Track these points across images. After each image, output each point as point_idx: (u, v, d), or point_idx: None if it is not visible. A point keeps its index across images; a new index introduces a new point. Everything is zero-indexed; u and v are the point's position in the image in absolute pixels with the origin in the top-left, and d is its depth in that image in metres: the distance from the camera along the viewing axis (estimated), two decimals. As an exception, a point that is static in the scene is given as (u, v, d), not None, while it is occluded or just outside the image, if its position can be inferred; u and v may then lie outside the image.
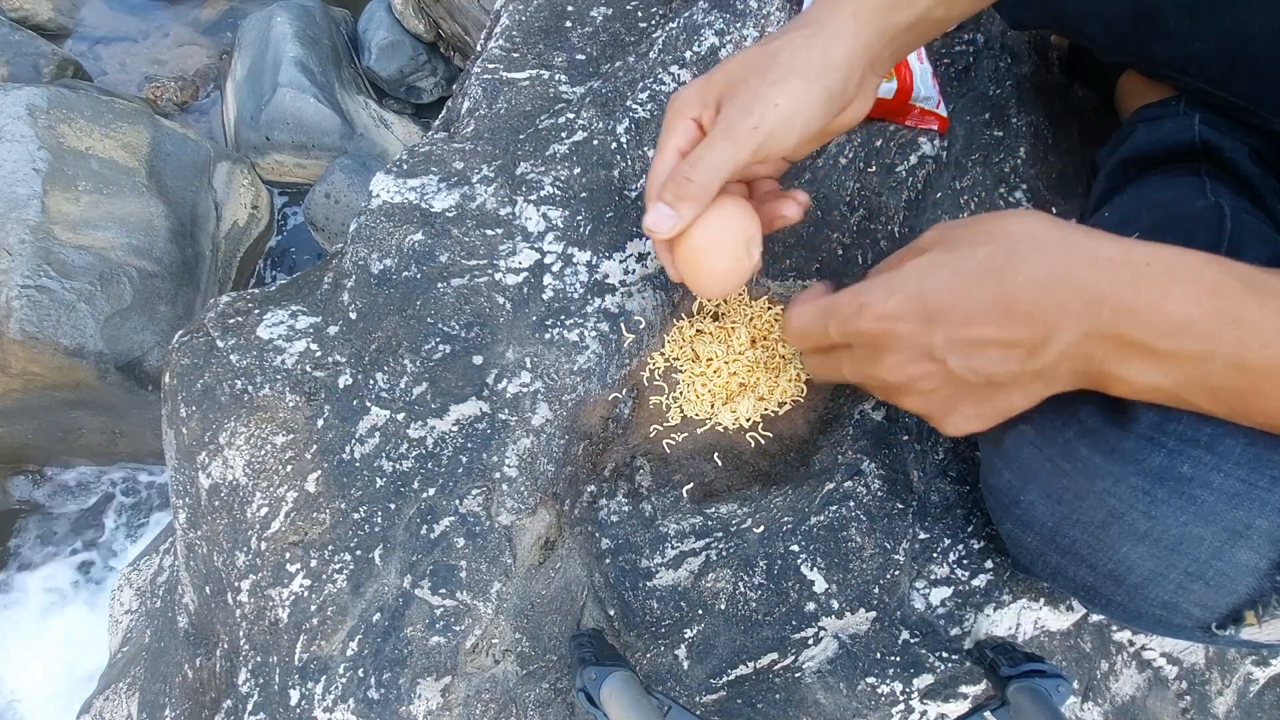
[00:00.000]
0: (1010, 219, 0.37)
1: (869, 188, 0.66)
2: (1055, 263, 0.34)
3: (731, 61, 0.45)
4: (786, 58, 0.43)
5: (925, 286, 0.37)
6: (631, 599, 0.54)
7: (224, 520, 0.57)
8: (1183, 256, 0.34)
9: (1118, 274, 0.34)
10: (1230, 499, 0.38)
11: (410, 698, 0.51)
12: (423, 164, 0.65)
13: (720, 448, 0.60)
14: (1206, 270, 0.33)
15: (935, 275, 0.37)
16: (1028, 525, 0.46)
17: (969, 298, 0.36)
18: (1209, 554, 0.39)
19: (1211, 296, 0.33)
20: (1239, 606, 0.39)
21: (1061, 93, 0.77)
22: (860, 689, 0.52)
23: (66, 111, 1.74)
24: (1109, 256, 0.34)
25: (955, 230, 0.39)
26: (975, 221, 0.38)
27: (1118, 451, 0.40)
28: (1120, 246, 0.35)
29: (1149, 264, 0.34)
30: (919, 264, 0.38)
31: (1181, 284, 0.33)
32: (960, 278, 0.36)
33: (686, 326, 0.62)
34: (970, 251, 0.36)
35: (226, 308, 0.63)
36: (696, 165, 0.44)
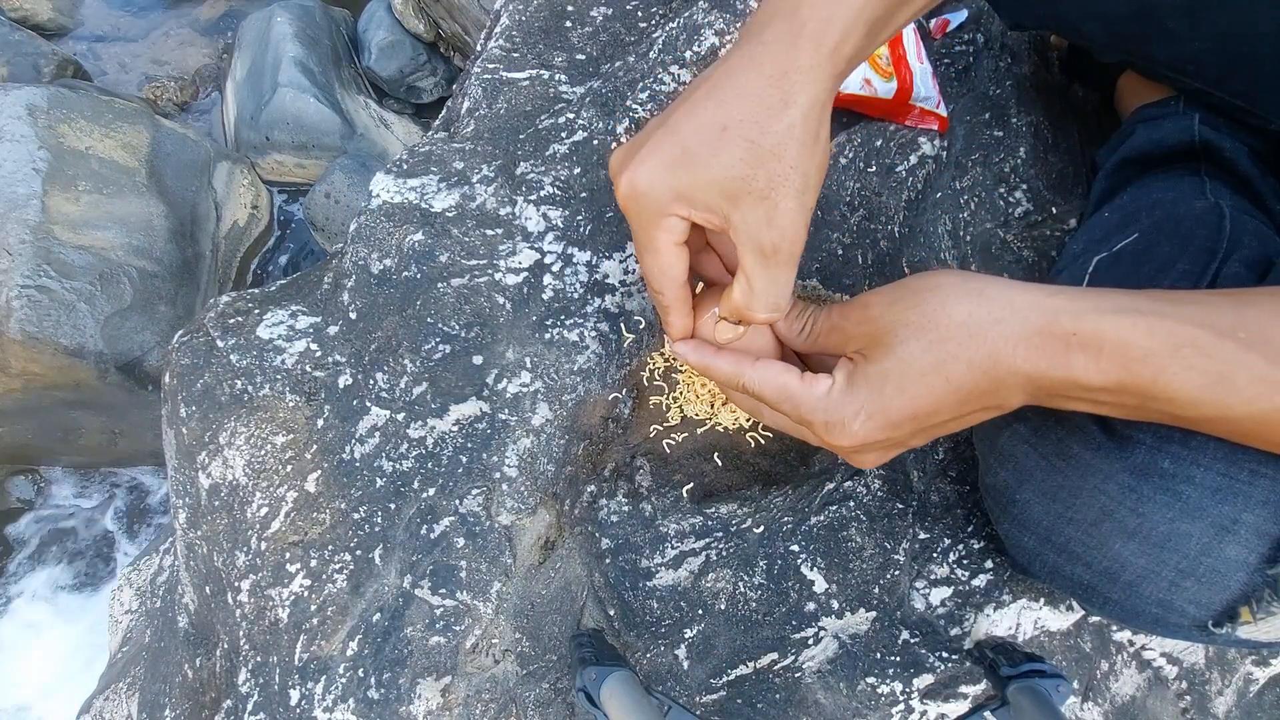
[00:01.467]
0: (933, 301, 0.37)
1: (869, 188, 0.66)
2: (990, 348, 0.35)
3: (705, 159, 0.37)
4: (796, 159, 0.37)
5: (885, 402, 0.38)
6: (631, 599, 0.54)
7: (224, 520, 0.57)
8: (1111, 322, 0.34)
9: (1047, 350, 0.35)
10: (1213, 494, 0.38)
11: (410, 698, 0.51)
12: (423, 164, 0.65)
13: (720, 448, 0.60)
14: (1133, 335, 0.34)
15: (888, 387, 0.38)
16: (1024, 524, 0.46)
17: (924, 399, 0.37)
18: (1198, 550, 0.39)
19: (1140, 364, 0.34)
20: (1233, 603, 0.39)
21: (1061, 93, 0.77)
22: (860, 689, 0.52)
23: (66, 111, 1.74)
24: (1037, 330, 0.35)
25: (883, 319, 0.38)
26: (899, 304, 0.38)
27: (1103, 448, 0.41)
28: (1044, 316, 0.35)
29: (1075, 334, 0.34)
30: (870, 377, 0.38)
31: (1110, 354, 0.34)
32: (910, 385, 0.37)
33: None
34: (907, 351, 0.37)
35: (226, 308, 0.63)
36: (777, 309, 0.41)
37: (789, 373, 0.41)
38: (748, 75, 0.37)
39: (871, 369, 0.38)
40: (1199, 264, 0.47)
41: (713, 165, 0.37)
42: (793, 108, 0.36)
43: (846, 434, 0.39)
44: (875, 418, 0.38)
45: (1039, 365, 0.35)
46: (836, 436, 0.39)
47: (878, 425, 0.38)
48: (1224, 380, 0.33)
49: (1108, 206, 0.59)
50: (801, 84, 0.36)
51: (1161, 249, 0.50)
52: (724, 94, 0.37)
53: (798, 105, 0.36)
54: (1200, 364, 0.33)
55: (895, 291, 0.39)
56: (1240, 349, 0.33)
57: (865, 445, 0.39)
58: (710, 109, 0.37)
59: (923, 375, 0.37)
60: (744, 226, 0.38)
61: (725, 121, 0.37)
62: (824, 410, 0.39)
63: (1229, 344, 0.33)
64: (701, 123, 0.37)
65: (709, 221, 0.39)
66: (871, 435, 0.39)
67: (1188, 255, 0.48)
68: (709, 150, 0.37)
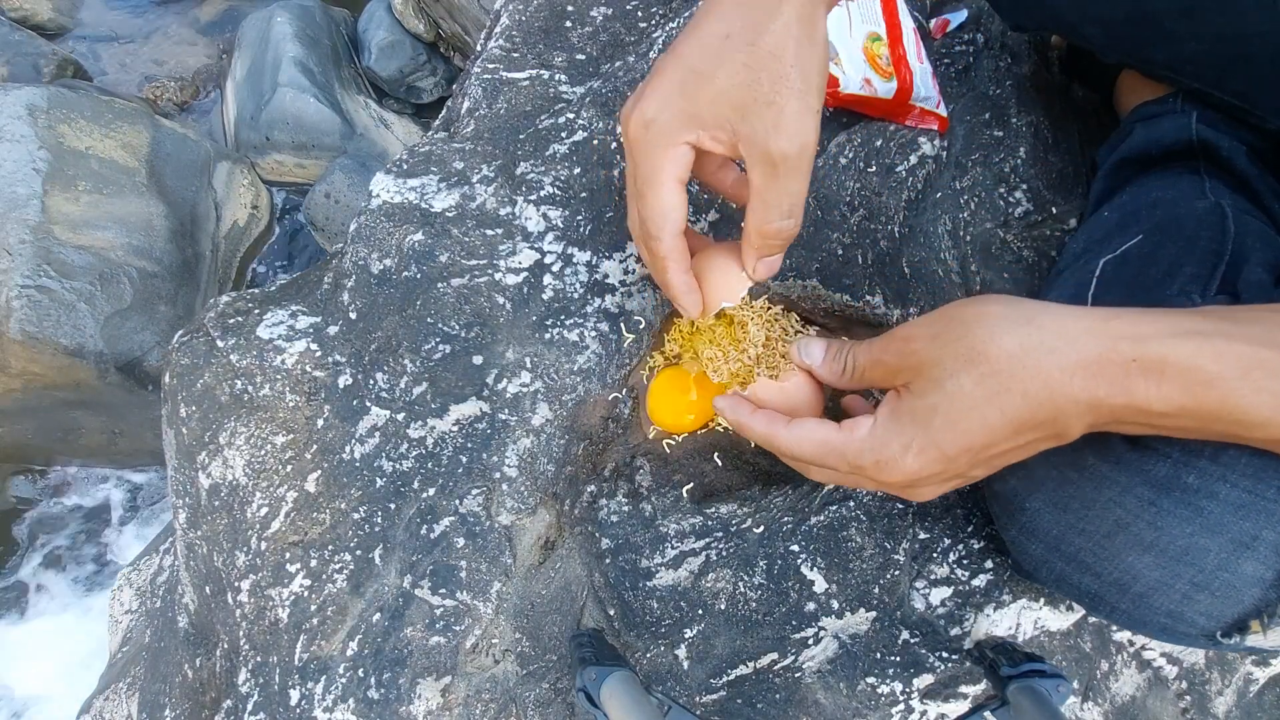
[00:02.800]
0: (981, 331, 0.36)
1: (869, 188, 0.66)
2: (1046, 379, 0.34)
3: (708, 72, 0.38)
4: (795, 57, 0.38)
5: (935, 436, 0.37)
6: (631, 599, 0.54)
7: (224, 520, 0.57)
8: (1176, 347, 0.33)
9: (1106, 378, 0.34)
10: (1236, 510, 0.38)
11: (410, 698, 0.51)
12: (423, 164, 0.65)
13: (720, 448, 0.60)
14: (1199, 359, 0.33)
15: (937, 420, 0.36)
16: (1032, 532, 0.45)
17: (977, 433, 0.36)
18: (1215, 565, 0.39)
19: (1205, 389, 0.33)
20: (1244, 616, 0.39)
21: (1061, 93, 0.77)
22: (860, 689, 0.52)
23: (66, 111, 1.74)
24: (1095, 359, 0.34)
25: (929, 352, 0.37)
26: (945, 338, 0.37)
27: (1124, 461, 0.40)
28: (1102, 343, 0.34)
29: (1135, 360, 0.33)
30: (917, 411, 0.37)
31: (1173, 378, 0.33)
32: (962, 418, 0.36)
33: (686, 325, 0.62)
34: (956, 385, 0.36)
35: (226, 308, 0.63)
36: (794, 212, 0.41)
37: (824, 426, 0.40)
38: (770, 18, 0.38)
39: (918, 403, 0.37)
40: (1206, 266, 0.47)
41: (718, 76, 0.38)
42: (786, 6, 0.37)
43: (899, 469, 0.38)
44: (927, 451, 0.37)
45: (1097, 393, 0.34)
46: (889, 474, 0.38)
47: (931, 459, 0.37)
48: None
49: (1107, 206, 0.59)
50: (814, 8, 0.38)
51: (1167, 251, 0.50)
52: (722, 9, 0.39)
53: (791, 4, 0.37)
54: (1271, 385, 0.32)
55: (938, 322, 0.38)
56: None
57: (920, 479, 0.38)
58: (710, 24, 0.39)
59: (974, 409, 0.36)
60: (752, 136, 0.38)
61: (727, 30, 0.38)
62: (871, 450, 0.38)
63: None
64: (703, 38, 0.39)
65: (717, 142, 0.39)
66: (926, 468, 0.37)
67: (1194, 257, 0.48)
68: (714, 62, 0.38)
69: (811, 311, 0.64)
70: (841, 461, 0.40)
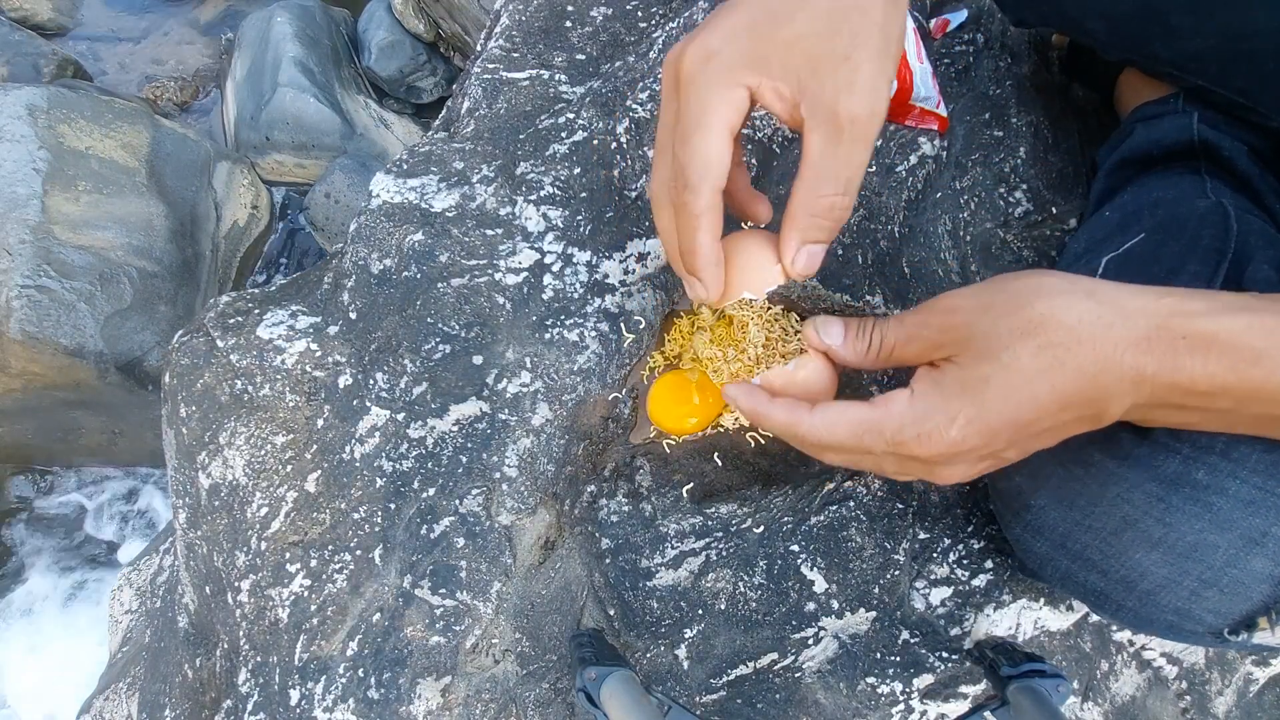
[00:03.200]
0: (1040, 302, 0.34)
1: (869, 188, 0.66)
2: (1100, 355, 0.33)
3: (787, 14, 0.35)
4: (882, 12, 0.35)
5: (985, 409, 0.35)
6: (631, 599, 0.54)
7: (224, 520, 0.57)
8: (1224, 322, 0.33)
9: (1156, 355, 0.33)
10: (1246, 506, 0.38)
11: (410, 698, 0.51)
12: (423, 164, 0.65)
13: (720, 448, 0.60)
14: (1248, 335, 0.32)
15: (989, 392, 0.35)
16: (1038, 530, 0.45)
17: (1028, 407, 0.34)
18: (1223, 561, 0.38)
19: (1251, 365, 0.32)
20: (1253, 613, 0.39)
21: (1061, 93, 0.77)
22: (860, 689, 0.52)
23: (66, 111, 1.74)
24: (1147, 336, 0.33)
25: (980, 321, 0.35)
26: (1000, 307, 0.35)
27: (1132, 457, 0.40)
28: (1156, 320, 0.33)
29: (1184, 338, 0.33)
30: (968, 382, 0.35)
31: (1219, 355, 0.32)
32: (1015, 392, 0.34)
33: (686, 325, 0.62)
34: (1013, 356, 0.34)
35: (226, 308, 0.63)
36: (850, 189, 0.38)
37: (854, 406, 0.38)
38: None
39: (967, 374, 0.35)
40: (1209, 265, 0.47)
41: (797, 19, 0.34)
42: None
43: (942, 441, 0.35)
44: (974, 423, 0.35)
45: (1145, 370, 0.33)
46: (929, 446, 0.36)
47: (976, 431, 0.35)
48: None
49: (1108, 206, 0.59)
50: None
51: (1169, 249, 0.50)
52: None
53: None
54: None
55: (987, 294, 0.36)
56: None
57: (957, 454, 0.36)
58: None
59: (1029, 382, 0.34)
60: (819, 94, 0.35)
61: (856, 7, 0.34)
62: (914, 423, 0.36)
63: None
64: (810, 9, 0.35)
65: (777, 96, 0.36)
66: (967, 442, 0.35)
67: (1196, 256, 0.48)
68: (793, 4, 0.35)
69: (811, 311, 0.64)
70: (879, 440, 0.37)
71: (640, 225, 0.61)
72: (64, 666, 1.72)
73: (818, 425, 0.38)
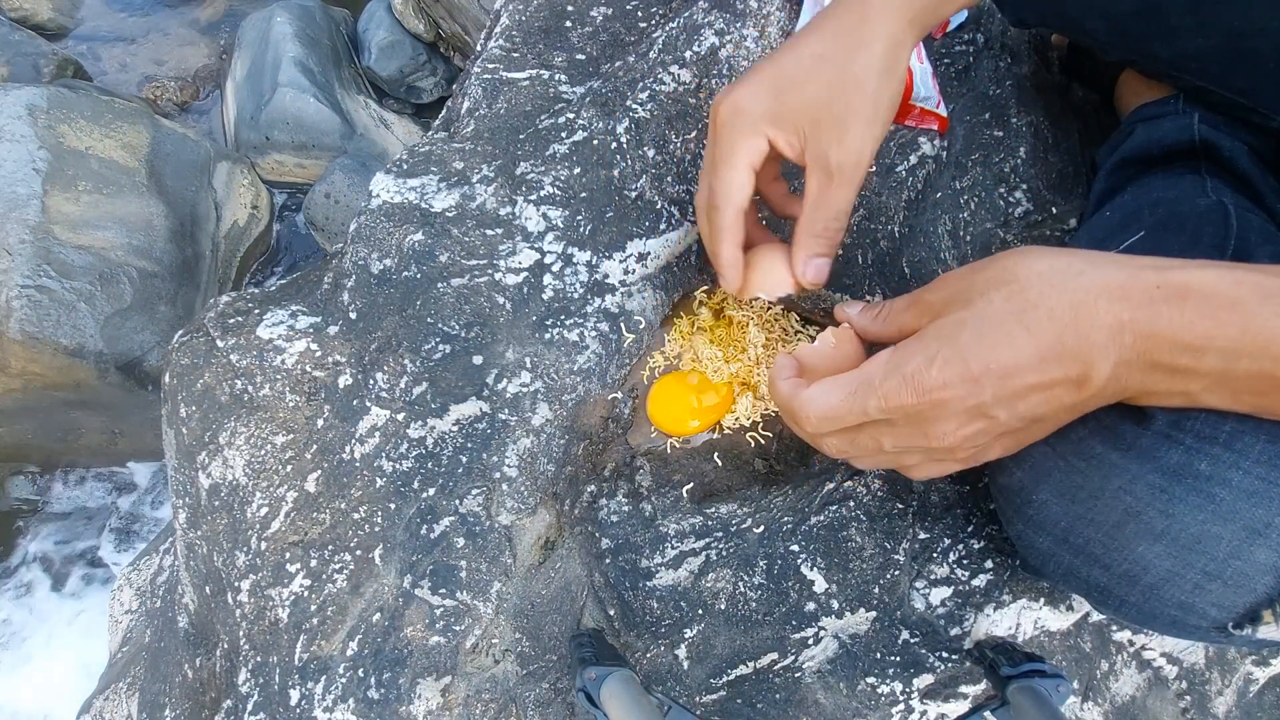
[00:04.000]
0: (1012, 258, 0.37)
1: (869, 188, 0.66)
2: (1072, 298, 0.35)
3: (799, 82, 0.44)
4: (874, 89, 0.44)
5: (961, 348, 0.36)
6: (631, 599, 0.54)
7: (224, 520, 0.57)
8: (1196, 273, 0.34)
9: (1132, 301, 0.34)
10: (1249, 497, 0.37)
11: (410, 698, 0.51)
12: (423, 164, 0.65)
13: (720, 448, 0.60)
14: (1220, 285, 0.33)
15: (965, 334, 0.36)
16: (1040, 525, 0.45)
17: (1003, 349, 0.35)
18: (1227, 553, 0.38)
19: (1228, 311, 0.33)
20: (1256, 606, 0.39)
21: (1061, 93, 0.77)
22: (860, 689, 0.52)
23: (66, 111, 1.74)
24: (1120, 284, 0.34)
25: (962, 282, 0.39)
26: (979, 268, 0.38)
27: (1134, 449, 0.40)
28: (1127, 271, 0.35)
29: (1159, 286, 0.34)
30: (944, 326, 0.37)
31: (1196, 303, 0.33)
32: (989, 332, 0.36)
33: (686, 325, 0.62)
34: (986, 302, 0.36)
35: (226, 308, 0.63)
36: (841, 218, 0.47)
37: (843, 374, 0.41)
38: (840, 19, 0.45)
39: (945, 321, 0.38)
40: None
41: (806, 88, 0.44)
42: (877, 43, 0.44)
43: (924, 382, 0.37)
44: (951, 362, 0.36)
45: (1122, 316, 0.34)
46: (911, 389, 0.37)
47: (956, 373, 0.36)
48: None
49: (1109, 206, 0.59)
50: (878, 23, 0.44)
51: (1169, 247, 0.50)
52: (821, 33, 0.45)
53: (879, 40, 0.44)
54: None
55: (975, 263, 0.40)
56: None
57: (942, 402, 0.37)
58: (810, 42, 0.45)
59: (1001, 323, 0.36)
60: (818, 147, 0.45)
61: (822, 51, 0.44)
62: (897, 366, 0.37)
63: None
64: (801, 54, 0.45)
65: (789, 145, 0.46)
66: (949, 386, 0.36)
67: (1197, 253, 0.48)
68: (805, 75, 0.44)
69: (811, 311, 0.64)
70: (872, 394, 0.38)
71: (640, 225, 0.61)
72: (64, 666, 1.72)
73: (814, 394, 0.41)
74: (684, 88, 0.65)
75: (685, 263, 0.61)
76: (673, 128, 0.64)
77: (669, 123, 0.64)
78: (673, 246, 0.61)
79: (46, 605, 1.80)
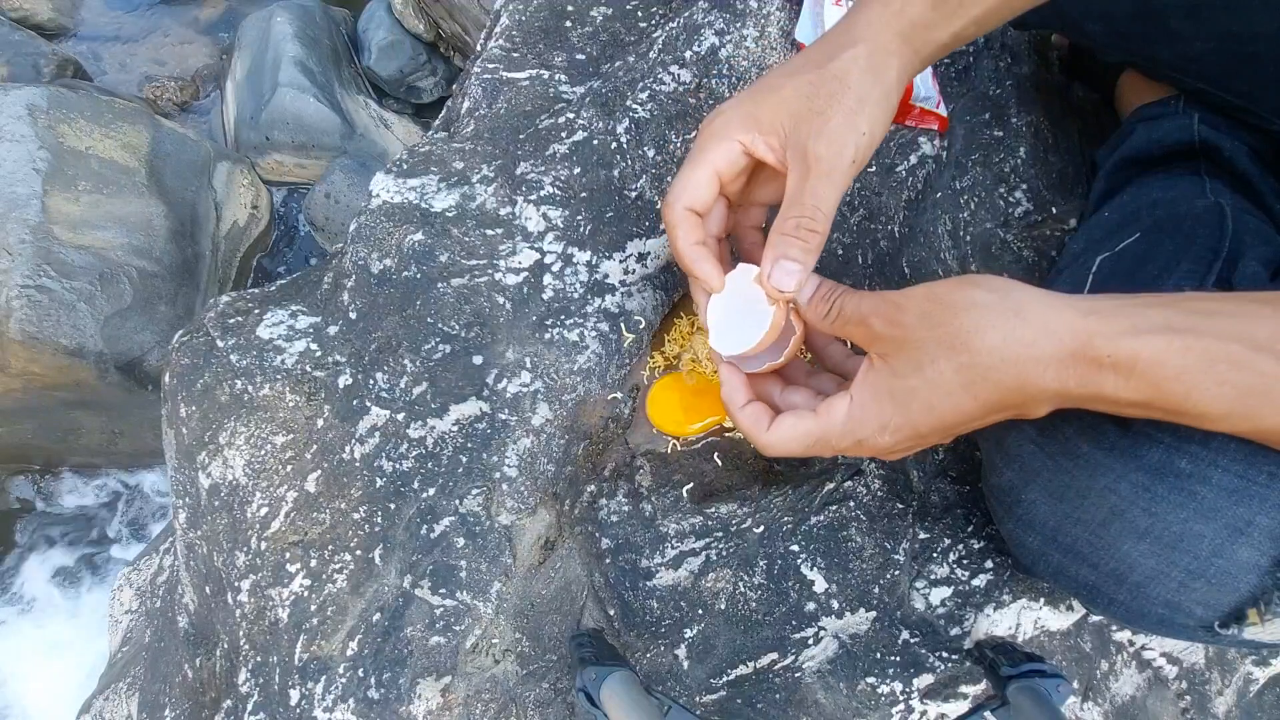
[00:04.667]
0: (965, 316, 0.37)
1: (869, 188, 0.66)
2: (1021, 372, 0.36)
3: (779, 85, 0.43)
4: (856, 82, 0.42)
5: (912, 417, 0.39)
6: (631, 599, 0.54)
7: (224, 520, 0.57)
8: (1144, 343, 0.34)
9: (1078, 372, 0.35)
10: (1230, 495, 0.38)
11: (410, 697, 0.51)
12: (423, 164, 0.65)
13: (720, 448, 0.60)
14: (1168, 354, 0.34)
15: (915, 404, 0.39)
16: (1030, 524, 0.45)
17: (951, 416, 0.39)
18: (1210, 551, 0.39)
19: (1172, 383, 0.34)
20: (1241, 604, 0.39)
21: (1061, 93, 0.77)
22: (860, 689, 0.52)
23: (66, 111, 1.74)
24: (1071, 352, 0.35)
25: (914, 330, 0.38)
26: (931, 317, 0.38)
27: (1117, 448, 0.40)
28: (1079, 339, 0.35)
29: (1109, 356, 0.35)
30: (897, 393, 0.39)
31: (1142, 374, 0.34)
32: (941, 403, 0.38)
33: (686, 325, 0.62)
34: (936, 373, 0.38)
35: (226, 308, 0.63)
36: (816, 215, 0.42)
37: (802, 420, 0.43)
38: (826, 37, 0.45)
39: (897, 384, 0.39)
40: (1202, 264, 0.47)
41: (785, 88, 0.43)
42: (859, 44, 0.43)
43: (875, 445, 0.41)
44: (902, 430, 0.40)
45: (1068, 385, 0.36)
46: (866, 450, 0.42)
47: (905, 436, 0.40)
48: (1257, 393, 0.33)
49: (1108, 206, 0.59)
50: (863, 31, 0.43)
51: (1164, 248, 0.50)
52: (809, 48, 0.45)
53: (863, 42, 0.43)
54: (1234, 378, 0.33)
55: (928, 302, 0.38)
56: (1275, 361, 0.33)
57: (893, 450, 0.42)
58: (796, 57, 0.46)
59: (951, 395, 0.38)
60: (796, 139, 0.42)
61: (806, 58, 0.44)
62: (850, 433, 0.41)
63: (1265, 358, 0.33)
64: (785, 64, 0.46)
65: (769, 148, 0.44)
66: (899, 444, 0.41)
67: (1190, 255, 0.48)
68: (784, 78, 0.44)
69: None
70: (826, 448, 0.43)
71: (640, 225, 0.61)
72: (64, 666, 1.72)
73: (773, 439, 0.44)
74: (684, 88, 0.65)
75: (685, 263, 0.61)
76: (673, 127, 0.64)
77: (669, 122, 0.64)
78: (673, 246, 0.61)
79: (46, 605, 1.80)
